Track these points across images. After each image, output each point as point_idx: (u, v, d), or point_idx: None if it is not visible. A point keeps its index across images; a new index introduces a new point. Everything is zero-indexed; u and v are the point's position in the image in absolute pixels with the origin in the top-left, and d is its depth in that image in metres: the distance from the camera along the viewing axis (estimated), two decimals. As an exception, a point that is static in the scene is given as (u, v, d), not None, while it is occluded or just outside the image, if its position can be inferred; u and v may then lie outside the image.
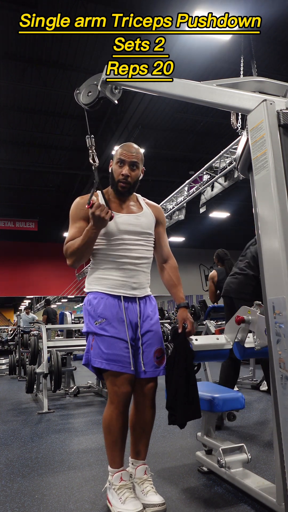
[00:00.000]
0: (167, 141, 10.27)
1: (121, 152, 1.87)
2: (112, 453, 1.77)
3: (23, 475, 2.29)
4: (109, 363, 1.71)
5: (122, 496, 1.68)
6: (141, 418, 1.85)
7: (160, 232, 1.99)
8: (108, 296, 1.80)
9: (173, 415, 1.78)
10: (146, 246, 1.89)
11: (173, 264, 2.01)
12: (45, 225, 14.65)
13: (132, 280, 1.82)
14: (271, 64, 7.36)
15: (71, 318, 6.18)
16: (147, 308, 1.87)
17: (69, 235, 1.85)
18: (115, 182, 1.89)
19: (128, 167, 1.85)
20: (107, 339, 1.74)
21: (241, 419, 3.28)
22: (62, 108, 8.62)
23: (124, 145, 1.91)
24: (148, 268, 1.92)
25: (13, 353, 8.35)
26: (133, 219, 1.87)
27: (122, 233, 1.82)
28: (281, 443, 1.37)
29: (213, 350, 2.04)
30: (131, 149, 1.87)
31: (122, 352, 1.73)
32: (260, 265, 1.48)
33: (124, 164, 1.85)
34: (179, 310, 1.90)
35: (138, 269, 1.85)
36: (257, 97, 1.52)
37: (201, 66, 7.12)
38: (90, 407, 4.32)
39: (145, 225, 1.89)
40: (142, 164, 1.91)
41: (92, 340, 1.79)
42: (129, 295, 1.82)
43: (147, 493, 1.73)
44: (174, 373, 1.79)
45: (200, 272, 8.38)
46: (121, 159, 1.85)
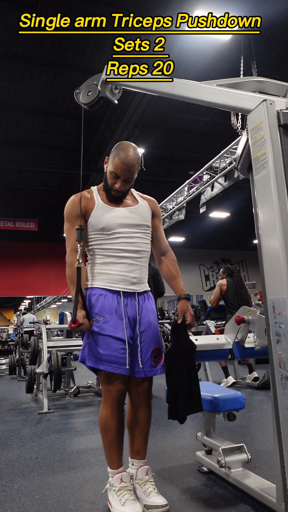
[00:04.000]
0: (167, 141, 10.26)
1: (118, 164, 1.77)
2: (110, 454, 1.77)
3: (23, 475, 2.29)
4: (103, 363, 1.71)
5: (122, 498, 1.67)
6: (138, 417, 1.85)
7: (156, 224, 1.98)
8: (107, 292, 1.79)
9: (173, 409, 1.74)
10: (144, 239, 1.88)
11: (171, 256, 2.00)
12: (45, 225, 14.63)
13: (131, 275, 1.81)
14: (271, 64, 7.36)
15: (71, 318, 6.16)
16: (146, 304, 1.86)
17: (71, 241, 1.81)
18: (108, 187, 1.85)
19: (121, 182, 1.80)
20: (103, 338, 1.73)
21: (241, 419, 3.28)
22: (62, 108, 8.61)
23: (123, 150, 1.78)
24: (146, 261, 1.91)
25: (13, 353, 8.35)
26: (128, 212, 1.86)
27: (119, 226, 1.81)
28: (281, 443, 1.37)
29: (213, 350, 2.04)
30: (128, 163, 1.76)
31: (117, 353, 1.72)
32: (260, 265, 1.48)
33: (119, 178, 1.80)
34: (179, 301, 1.88)
35: (137, 263, 1.84)
36: (257, 97, 1.52)
37: (201, 66, 7.12)
38: (90, 407, 4.32)
39: (141, 218, 1.88)
40: (138, 168, 1.83)
41: (87, 338, 1.78)
42: (128, 290, 1.81)
43: (150, 494, 1.73)
44: (175, 367, 1.77)
45: (200, 272, 8.38)
46: (116, 175, 1.79)
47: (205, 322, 5.15)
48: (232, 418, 2.07)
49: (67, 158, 10.77)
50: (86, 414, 3.96)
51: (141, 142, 9.50)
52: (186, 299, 1.88)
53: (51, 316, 21.39)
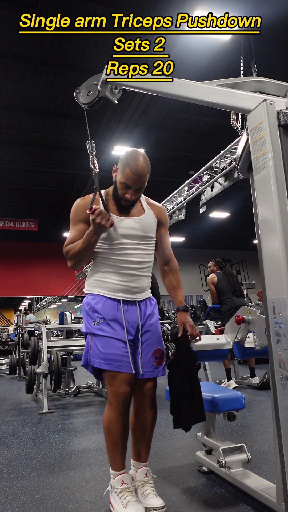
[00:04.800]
0: (167, 141, 10.26)
1: (129, 175, 1.73)
2: (113, 455, 1.74)
3: (23, 475, 2.29)
4: (107, 362, 1.70)
5: (124, 500, 1.65)
6: (142, 419, 1.84)
7: (162, 233, 1.96)
8: (107, 299, 1.79)
9: (177, 419, 1.77)
10: (147, 250, 1.87)
11: (174, 266, 2.00)
12: (45, 225, 14.64)
13: (132, 285, 1.81)
14: (271, 64, 7.36)
15: (71, 318, 6.17)
16: (147, 309, 1.87)
17: (69, 237, 1.84)
18: (118, 196, 1.82)
19: (132, 192, 1.78)
20: (104, 339, 1.73)
21: (241, 419, 3.28)
22: (62, 108, 8.62)
23: (133, 161, 1.75)
24: (149, 271, 1.90)
25: (13, 353, 8.35)
26: (134, 222, 1.83)
27: (122, 237, 1.80)
28: (281, 443, 1.37)
29: (213, 350, 2.04)
30: (139, 173, 1.73)
31: (120, 351, 1.72)
32: (260, 265, 1.48)
33: (130, 189, 1.77)
34: (178, 313, 1.89)
35: (139, 274, 1.83)
36: (257, 97, 1.51)
37: (201, 66, 7.12)
38: (90, 407, 4.32)
39: (146, 229, 1.85)
40: (149, 176, 1.81)
41: (91, 340, 1.78)
42: (128, 299, 1.81)
43: (147, 496, 1.71)
44: (177, 378, 1.78)
45: (200, 272, 8.39)
46: (127, 185, 1.76)
47: (205, 322, 5.15)
48: (232, 418, 2.07)
49: (67, 158, 10.77)
50: (86, 414, 3.96)
51: (141, 142, 9.50)
52: (184, 311, 1.89)
53: (51, 316, 21.40)
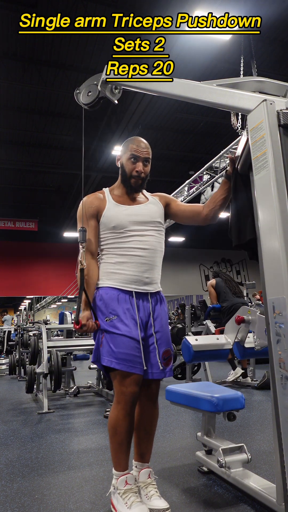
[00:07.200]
0: (167, 141, 10.26)
1: (132, 147, 1.86)
2: (117, 456, 1.73)
3: (23, 475, 2.29)
4: (119, 362, 1.68)
5: (128, 501, 1.64)
6: (146, 419, 1.84)
7: (176, 204, 2.01)
8: (120, 292, 1.77)
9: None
10: (156, 237, 1.86)
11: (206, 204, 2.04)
12: (45, 225, 14.64)
13: (144, 275, 1.80)
14: (271, 64, 7.36)
15: (71, 318, 6.16)
16: (159, 306, 1.85)
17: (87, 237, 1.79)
18: (127, 178, 1.88)
19: (141, 163, 1.86)
20: (118, 338, 1.70)
21: (241, 419, 3.28)
22: (62, 108, 8.61)
23: (134, 139, 1.90)
24: (159, 262, 1.89)
25: (13, 353, 8.34)
26: (140, 209, 1.88)
27: (130, 224, 1.81)
28: (281, 443, 1.37)
29: (213, 350, 2.04)
30: (142, 145, 1.87)
31: (134, 351, 1.70)
32: (260, 265, 1.48)
33: (138, 161, 1.86)
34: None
35: (150, 262, 1.82)
36: (257, 97, 1.52)
37: (201, 66, 7.11)
38: (90, 407, 4.32)
39: (153, 214, 1.89)
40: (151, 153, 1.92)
41: (102, 337, 1.75)
42: (141, 291, 1.79)
43: (151, 498, 1.70)
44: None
45: (200, 272, 8.38)
46: (135, 155, 1.85)
47: (205, 322, 5.15)
48: (232, 418, 2.07)
49: (67, 158, 10.77)
50: (86, 414, 3.96)
51: (141, 142, 9.48)
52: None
53: (51, 316, 21.37)
